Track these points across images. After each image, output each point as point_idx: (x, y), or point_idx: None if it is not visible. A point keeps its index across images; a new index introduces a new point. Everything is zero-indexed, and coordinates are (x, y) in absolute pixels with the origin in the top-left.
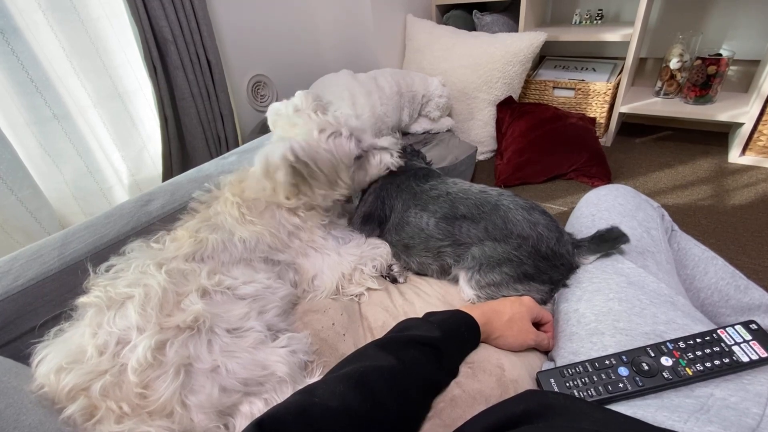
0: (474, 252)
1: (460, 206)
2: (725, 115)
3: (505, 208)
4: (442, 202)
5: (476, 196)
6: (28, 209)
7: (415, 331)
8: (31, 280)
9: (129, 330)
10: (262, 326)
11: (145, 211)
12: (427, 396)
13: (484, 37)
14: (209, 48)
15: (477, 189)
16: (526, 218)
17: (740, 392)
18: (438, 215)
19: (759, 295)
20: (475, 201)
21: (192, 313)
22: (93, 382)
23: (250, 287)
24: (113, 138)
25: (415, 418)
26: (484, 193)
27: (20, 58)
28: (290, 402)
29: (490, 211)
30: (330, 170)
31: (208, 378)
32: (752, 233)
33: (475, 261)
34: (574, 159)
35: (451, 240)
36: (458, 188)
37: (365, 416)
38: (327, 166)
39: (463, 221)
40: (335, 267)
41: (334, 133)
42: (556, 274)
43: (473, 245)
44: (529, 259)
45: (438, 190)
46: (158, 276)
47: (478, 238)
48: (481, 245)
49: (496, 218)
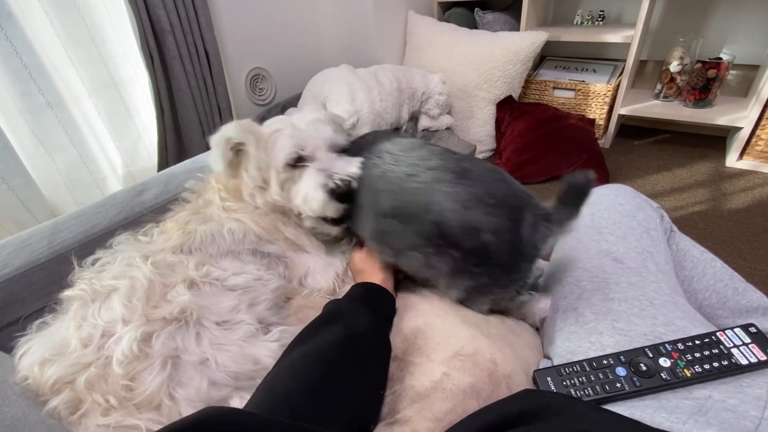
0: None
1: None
2: (724, 119)
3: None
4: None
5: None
6: (19, 198)
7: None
8: (19, 268)
9: (114, 322)
10: (253, 319)
11: (138, 201)
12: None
13: (486, 35)
14: (207, 39)
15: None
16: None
17: (739, 395)
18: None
19: (757, 298)
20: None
21: (179, 305)
22: (77, 375)
23: (240, 278)
24: (108, 128)
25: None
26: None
27: (14, 45)
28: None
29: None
30: (260, 166)
31: (196, 371)
32: (748, 237)
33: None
34: (573, 160)
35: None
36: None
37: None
38: (257, 159)
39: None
40: (327, 267)
41: (278, 130)
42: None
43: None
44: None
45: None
46: (144, 268)
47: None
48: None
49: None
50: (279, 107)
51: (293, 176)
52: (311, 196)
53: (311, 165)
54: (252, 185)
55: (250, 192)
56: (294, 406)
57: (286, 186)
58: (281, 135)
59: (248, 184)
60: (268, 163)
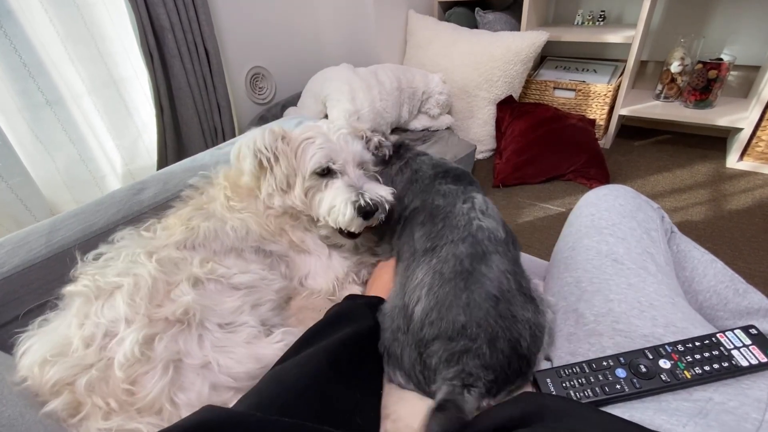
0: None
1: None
2: (724, 120)
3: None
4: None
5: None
6: (18, 196)
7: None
8: (17, 267)
9: (117, 322)
10: (256, 321)
11: (137, 199)
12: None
13: (486, 35)
14: (207, 37)
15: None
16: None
17: (739, 397)
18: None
19: (758, 299)
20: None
21: (182, 305)
22: (78, 377)
23: (245, 276)
24: (107, 126)
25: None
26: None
27: (13, 42)
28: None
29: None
30: (288, 172)
31: (198, 375)
32: (748, 238)
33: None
34: (573, 160)
35: None
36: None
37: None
38: (285, 165)
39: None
40: (328, 269)
41: (310, 138)
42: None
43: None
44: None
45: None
46: (149, 265)
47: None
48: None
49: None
50: (279, 106)
51: (319, 185)
52: (339, 209)
53: (341, 179)
54: (274, 187)
55: (269, 192)
56: (299, 398)
57: (310, 193)
58: (312, 143)
59: (271, 184)
60: (296, 169)
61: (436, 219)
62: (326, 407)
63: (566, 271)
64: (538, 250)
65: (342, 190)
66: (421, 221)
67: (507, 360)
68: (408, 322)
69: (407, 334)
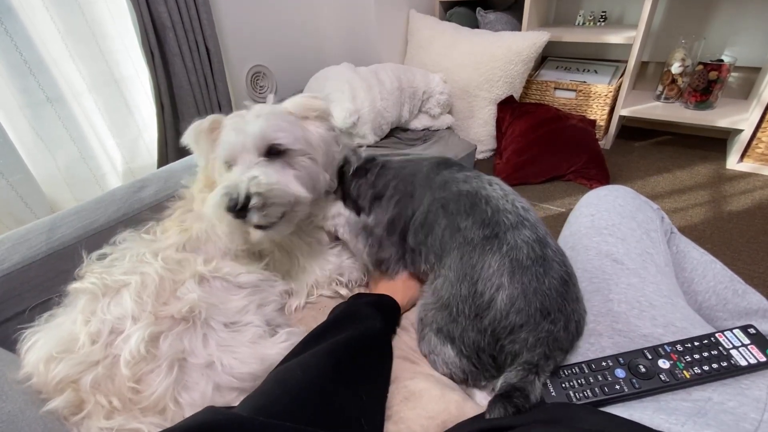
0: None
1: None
2: (725, 121)
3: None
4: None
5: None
6: (18, 194)
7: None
8: (17, 264)
9: (123, 318)
10: (261, 321)
11: (138, 197)
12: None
13: (487, 35)
14: (208, 36)
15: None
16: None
17: (738, 397)
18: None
19: (757, 300)
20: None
21: (188, 303)
22: (84, 374)
23: (250, 276)
24: (108, 124)
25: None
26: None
27: (14, 39)
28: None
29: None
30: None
31: (202, 374)
32: (747, 239)
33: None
34: (574, 160)
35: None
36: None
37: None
38: (205, 158)
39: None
40: (309, 271)
41: (225, 126)
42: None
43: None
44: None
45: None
46: (155, 264)
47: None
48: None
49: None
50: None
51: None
52: (209, 202)
53: (235, 168)
54: (201, 185)
55: (200, 189)
56: (303, 400)
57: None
58: (224, 129)
59: (199, 183)
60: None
61: (478, 205)
62: (330, 410)
63: None
64: None
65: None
66: (454, 210)
67: (573, 341)
68: (480, 309)
69: (477, 320)
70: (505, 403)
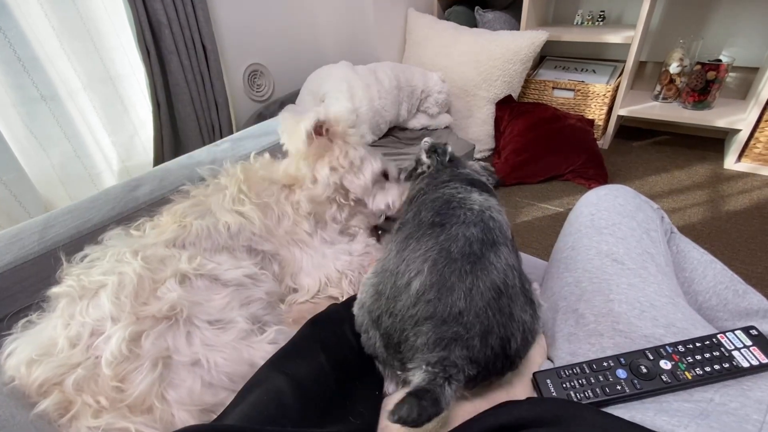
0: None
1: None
2: (723, 122)
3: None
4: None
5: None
6: (12, 193)
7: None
8: (10, 264)
9: (103, 320)
10: (247, 318)
11: (132, 196)
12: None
13: (486, 34)
14: (205, 33)
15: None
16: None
17: (740, 398)
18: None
19: (757, 300)
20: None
21: (168, 302)
22: (65, 376)
23: (235, 272)
24: (103, 122)
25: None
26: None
27: (7, 36)
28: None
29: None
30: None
31: (189, 372)
32: (745, 239)
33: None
34: (572, 160)
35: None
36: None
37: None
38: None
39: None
40: (319, 267)
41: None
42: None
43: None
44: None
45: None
46: (134, 263)
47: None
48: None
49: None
50: (277, 104)
51: (381, 183)
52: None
53: (395, 182)
54: (340, 163)
55: (333, 166)
56: (289, 406)
57: (377, 186)
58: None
59: (338, 158)
60: (363, 160)
61: (451, 202)
62: (317, 414)
63: (566, 270)
64: (537, 250)
65: (397, 192)
66: (432, 199)
67: (494, 357)
68: (397, 292)
69: (391, 301)
70: (413, 404)
